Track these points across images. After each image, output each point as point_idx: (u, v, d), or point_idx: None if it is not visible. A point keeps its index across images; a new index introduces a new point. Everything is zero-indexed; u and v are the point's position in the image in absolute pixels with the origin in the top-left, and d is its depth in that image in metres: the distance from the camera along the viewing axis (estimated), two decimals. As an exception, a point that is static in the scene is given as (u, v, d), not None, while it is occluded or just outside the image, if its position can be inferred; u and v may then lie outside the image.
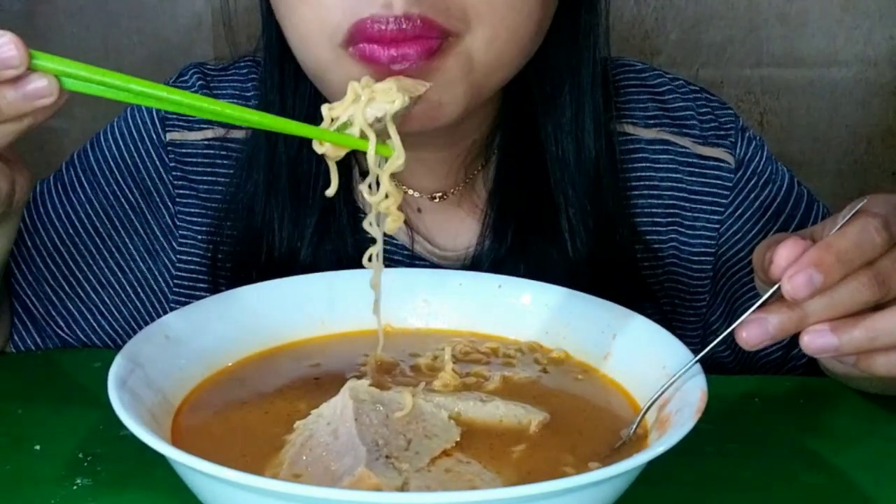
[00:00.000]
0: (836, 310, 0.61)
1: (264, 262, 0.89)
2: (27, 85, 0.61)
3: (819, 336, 0.61)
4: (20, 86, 0.61)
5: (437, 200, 0.92)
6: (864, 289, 0.61)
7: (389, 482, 0.55)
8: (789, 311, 0.61)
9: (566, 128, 0.88)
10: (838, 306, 0.61)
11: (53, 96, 0.61)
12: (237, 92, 0.95)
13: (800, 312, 0.61)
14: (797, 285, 0.59)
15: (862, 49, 1.43)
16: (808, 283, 0.59)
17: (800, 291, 0.59)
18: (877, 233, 0.61)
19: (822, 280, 0.59)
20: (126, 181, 0.94)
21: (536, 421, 0.65)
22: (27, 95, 0.61)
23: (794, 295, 0.59)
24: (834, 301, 0.60)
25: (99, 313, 0.95)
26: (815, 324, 0.61)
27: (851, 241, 0.60)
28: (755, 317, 0.61)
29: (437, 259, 0.92)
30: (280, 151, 0.89)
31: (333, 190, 0.69)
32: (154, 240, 0.95)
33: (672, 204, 0.94)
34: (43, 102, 0.61)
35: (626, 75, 0.96)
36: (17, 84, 0.61)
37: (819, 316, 0.61)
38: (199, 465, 0.52)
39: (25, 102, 0.61)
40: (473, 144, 0.90)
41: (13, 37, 0.59)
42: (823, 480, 0.70)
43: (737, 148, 0.94)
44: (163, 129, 0.94)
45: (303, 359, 0.74)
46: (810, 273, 0.59)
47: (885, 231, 0.61)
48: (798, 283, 0.59)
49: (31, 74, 0.61)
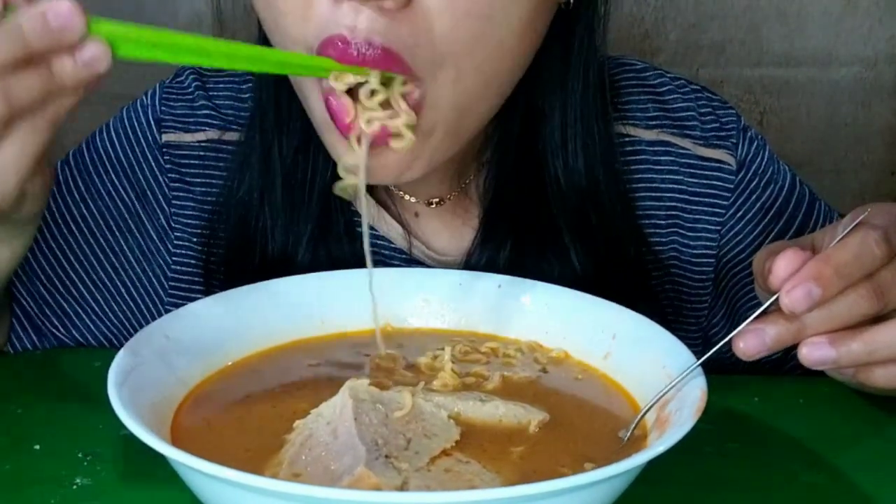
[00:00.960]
0: (834, 322, 0.61)
1: (258, 265, 0.89)
2: (86, 52, 0.58)
3: (817, 348, 0.61)
4: (80, 53, 0.58)
5: (434, 206, 0.92)
6: (863, 301, 0.60)
7: (389, 482, 0.55)
8: (787, 323, 0.60)
9: (558, 137, 0.87)
10: (837, 319, 0.61)
11: (109, 62, 0.59)
12: (233, 93, 0.95)
13: (798, 325, 0.60)
14: (796, 299, 0.59)
15: (862, 49, 1.43)
16: (806, 297, 0.59)
17: (798, 305, 0.59)
18: (877, 245, 0.60)
19: (820, 294, 0.59)
20: (121, 182, 0.94)
21: (536, 421, 0.65)
22: (86, 63, 0.58)
23: (793, 308, 0.59)
24: (832, 313, 0.60)
25: (94, 314, 0.95)
26: (813, 336, 0.61)
27: (851, 253, 0.60)
28: (753, 327, 0.61)
29: (434, 263, 0.91)
30: (274, 157, 0.88)
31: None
32: (149, 241, 0.94)
33: (673, 206, 0.93)
34: (100, 69, 0.59)
35: (626, 75, 0.96)
36: (77, 52, 0.58)
37: (817, 328, 0.61)
38: (199, 465, 0.52)
39: (85, 70, 0.58)
40: (467, 152, 0.90)
41: (73, 2, 0.57)
42: (823, 480, 0.70)
43: (738, 149, 0.94)
44: (158, 130, 0.94)
45: (302, 358, 0.74)
46: (809, 286, 0.59)
47: (884, 244, 0.61)
48: (796, 297, 0.59)
49: (87, 41, 0.58)
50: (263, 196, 0.89)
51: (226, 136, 0.94)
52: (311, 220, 0.88)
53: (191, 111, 0.94)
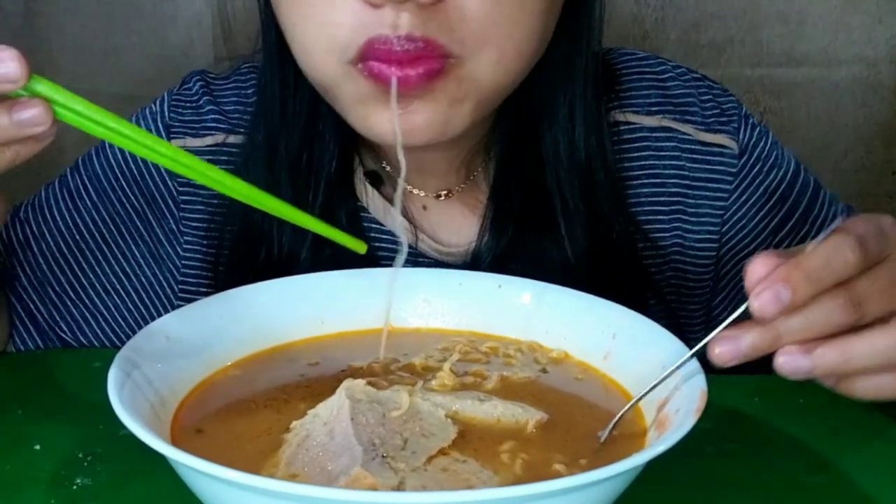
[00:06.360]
0: (811, 331, 0.59)
1: (262, 266, 0.89)
2: (22, 110, 0.58)
3: (792, 357, 0.60)
4: (15, 110, 0.58)
5: (443, 198, 0.93)
6: (840, 310, 0.59)
7: (385, 482, 0.55)
8: (763, 330, 0.59)
9: (561, 125, 0.88)
10: (813, 327, 0.59)
11: (46, 125, 0.58)
12: (239, 98, 0.96)
13: (773, 332, 0.59)
14: (765, 302, 0.58)
15: (862, 49, 1.43)
16: (775, 300, 0.57)
17: (767, 308, 0.58)
18: (851, 251, 0.59)
19: (790, 297, 0.57)
20: (131, 188, 0.94)
21: (534, 420, 0.65)
22: (21, 122, 0.58)
23: (762, 312, 0.58)
24: (808, 321, 0.59)
25: (103, 319, 0.95)
26: (789, 344, 0.60)
27: (822, 258, 0.59)
28: (729, 334, 0.59)
29: (440, 256, 0.92)
30: (280, 155, 0.89)
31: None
32: (159, 245, 0.95)
33: (675, 192, 0.93)
34: (35, 130, 0.58)
35: (628, 63, 0.96)
36: (12, 108, 0.58)
37: (793, 336, 0.59)
38: (199, 465, 0.52)
39: (18, 129, 0.58)
40: (475, 143, 0.90)
41: (16, 52, 0.57)
42: (823, 480, 0.70)
43: (740, 133, 0.94)
44: (167, 136, 0.94)
45: (302, 358, 0.74)
46: (778, 289, 0.57)
47: (859, 250, 0.59)
48: (765, 300, 0.57)
49: (26, 99, 0.58)
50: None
51: (231, 139, 0.94)
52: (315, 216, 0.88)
53: (198, 117, 0.95)
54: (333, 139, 0.89)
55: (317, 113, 0.88)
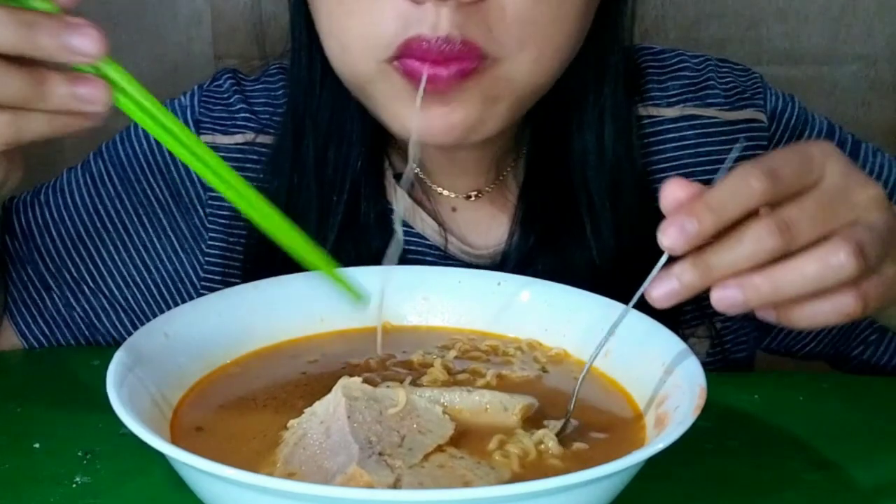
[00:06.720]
0: (740, 262, 0.58)
1: (281, 264, 0.89)
2: (83, 85, 0.57)
3: (724, 291, 0.59)
4: (78, 84, 0.57)
5: (472, 199, 0.93)
6: (766, 237, 0.58)
7: (382, 480, 0.55)
8: (693, 266, 0.58)
9: (591, 124, 0.88)
10: (742, 258, 0.58)
11: (102, 107, 0.57)
12: (269, 99, 0.96)
13: (703, 267, 0.58)
14: (671, 236, 0.57)
15: (862, 47, 1.43)
16: (681, 232, 0.57)
17: (675, 242, 0.57)
18: (755, 179, 0.58)
19: (696, 227, 0.57)
20: (157, 180, 0.94)
21: (521, 405, 0.64)
22: (79, 96, 0.57)
23: (671, 247, 0.58)
24: (736, 253, 0.58)
25: (122, 311, 0.94)
26: (721, 279, 0.59)
27: (727, 189, 0.58)
28: (662, 275, 0.59)
29: (469, 258, 0.92)
30: (307, 155, 0.89)
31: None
32: (183, 240, 0.94)
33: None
34: (89, 108, 0.57)
35: (645, 58, 0.97)
36: (76, 81, 0.57)
37: (725, 269, 0.58)
38: (198, 463, 0.52)
39: (74, 102, 0.57)
40: (504, 143, 0.90)
41: (99, 32, 0.56)
42: (823, 479, 0.70)
43: (767, 104, 0.94)
44: (196, 131, 0.94)
45: (302, 356, 0.74)
46: (682, 221, 0.57)
47: (765, 177, 0.58)
48: (672, 234, 0.57)
49: (92, 76, 0.57)
50: (294, 194, 0.89)
51: (261, 139, 0.94)
52: (340, 214, 0.89)
53: (228, 114, 0.95)
54: (360, 139, 0.89)
55: (343, 113, 0.88)
